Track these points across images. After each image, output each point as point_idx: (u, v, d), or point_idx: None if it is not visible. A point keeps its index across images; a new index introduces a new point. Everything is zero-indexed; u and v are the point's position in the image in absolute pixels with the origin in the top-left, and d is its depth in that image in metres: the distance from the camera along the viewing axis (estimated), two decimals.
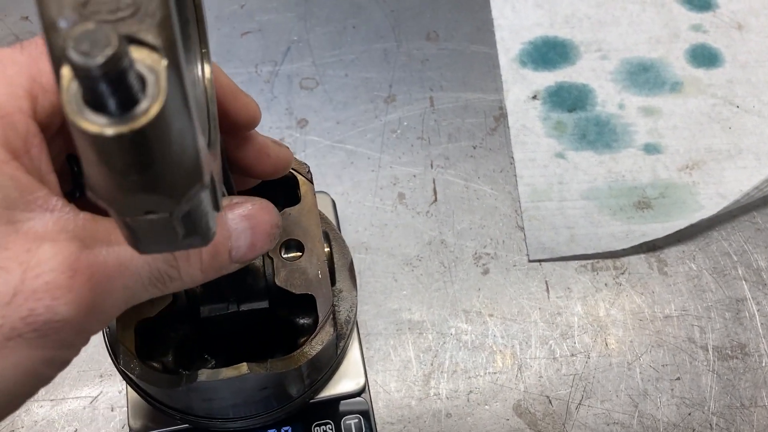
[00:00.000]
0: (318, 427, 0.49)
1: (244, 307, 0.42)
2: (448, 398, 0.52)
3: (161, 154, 0.19)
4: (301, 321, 0.44)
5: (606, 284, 0.57)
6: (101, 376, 0.52)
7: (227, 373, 0.37)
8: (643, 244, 0.58)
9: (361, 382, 0.50)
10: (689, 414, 0.52)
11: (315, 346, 0.40)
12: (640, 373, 0.53)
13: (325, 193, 0.56)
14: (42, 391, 0.49)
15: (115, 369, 0.52)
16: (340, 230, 0.55)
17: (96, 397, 0.51)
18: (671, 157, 0.62)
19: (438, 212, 0.59)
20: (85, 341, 0.27)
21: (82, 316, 0.26)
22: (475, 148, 0.62)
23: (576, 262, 0.58)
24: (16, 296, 0.24)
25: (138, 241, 0.23)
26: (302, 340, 0.42)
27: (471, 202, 0.60)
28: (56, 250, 0.25)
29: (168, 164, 0.20)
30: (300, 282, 0.41)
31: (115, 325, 0.42)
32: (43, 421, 0.51)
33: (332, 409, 0.50)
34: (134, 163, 0.19)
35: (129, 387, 0.49)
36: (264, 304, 0.42)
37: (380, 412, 0.52)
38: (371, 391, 0.51)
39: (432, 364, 0.54)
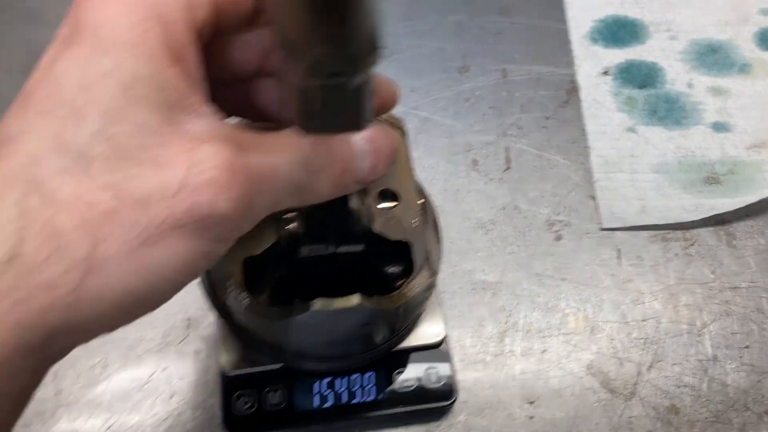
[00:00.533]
0: (399, 374, 0.51)
1: (341, 250, 0.43)
2: (522, 355, 0.54)
3: (359, 8, 0.21)
4: (391, 270, 0.46)
5: (676, 254, 0.58)
6: (188, 319, 0.54)
7: (340, 303, 0.39)
8: (712, 217, 0.59)
9: (442, 334, 0.51)
10: (758, 381, 0.53)
11: (415, 287, 0.42)
12: (710, 339, 0.55)
13: None
14: (132, 331, 0.51)
15: (203, 311, 0.54)
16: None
17: (184, 339, 0.53)
18: (740, 136, 0.63)
19: (511, 179, 0.61)
20: (234, 239, 0.29)
21: (237, 214, 0.27)
22: (547, 119, 0.64)
23: (647, 232, 0.59)
24: (181, 190, 0.26)
25: (308, 115, 0.25)
26: (399, 283, 0.43)
27: (544, 171, 0.61)
28: (215, 150, 0.27)
29: (363, 21, 0.22)
30: (396, 229, 0.43)
31: (219, 262, 0.44)
32: (132, 354, 0.52)
33: (413, 358, 0.51)
34: (336, 10, 0.21)
35: (221, 327, 0.50)
36: (359, 248, 0.43)
37: (456, 365, 0.53)
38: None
39: (506, 323, 0.55)
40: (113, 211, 0.26)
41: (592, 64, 0.67)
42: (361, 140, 0.33)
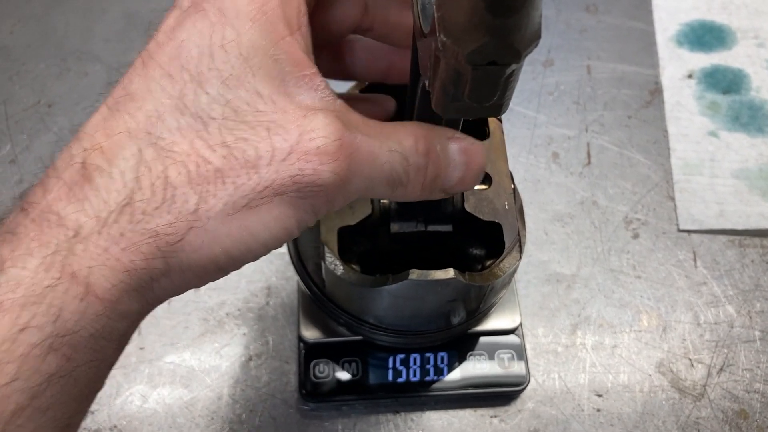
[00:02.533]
0: (472, 357, 0.52)
1: (430, 228, 0.44)
2: (593, 349, 0.54)
3: (530, 2, 0.22)
4: (475, 252, 0.46)
5: (753, 261, 0.58)
6: (269, 287, 0.56)
7: (436, 275, 0.40)
8: None
9: (517, 320, 0.52)
10: None
11: (505, 268, 0.43)
12: None
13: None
14: (214, 296, 0.52)
15: (283, 280, 0.55)
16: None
17: (263, 306, 0.55)
18: None
19: (591, 174, 0.61)
20: (325, 212, 0.30)
21: (335, 187, 0.28)
22: (629, 117, 0.64)
23: (724, 236, 0.59)
24: (291, 155, 0.27)
25: (453, 98, 0.25)
26: (488, 263, 0.44)
27: (624, 169, 0.61)
28: (328, 121, 0.28)
29: (530, 14, 0.22)
30: (488, 210, 0.43)
31: (301, 235, 0.45)
32: (213, 318, 0.54)
33: (487, 341, 0.52)
34: (510, 3, 0.22)
35: (301, 297, 0.52)
36: (448, 228, 0.44)
37: (528, 353, 0.54)
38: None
39: (579, 316, 0.56)
40: (223, 170, 0.27)
41: (677, 67, 0.67)
42: (456, 151, 0.33)
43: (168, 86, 0.28)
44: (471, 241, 0.46)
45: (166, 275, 0.27)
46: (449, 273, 0.40)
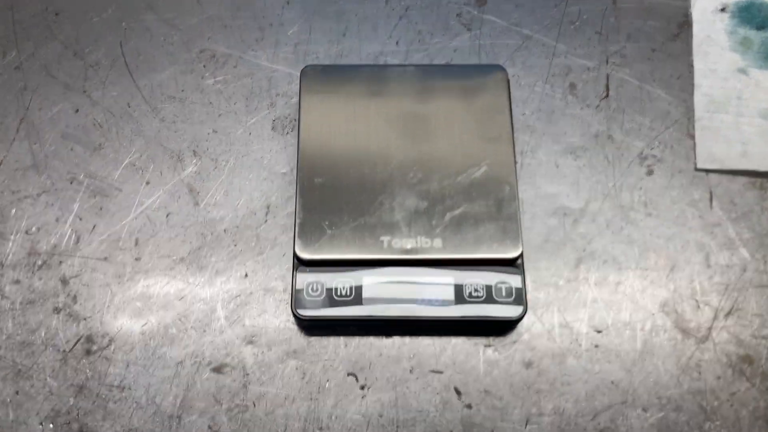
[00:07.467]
0: (470, 284, 0.50)
1: None
2: (596, 284, 0.53)
3: None
4: None
5: None
6: (267, 206, 0.55)
7: None
8: None
9: (518, 250, 0.50)
10: None
11: None
12: None
13: (503, 68, 0.56)
14: (214, 212, 0.51)
15: (283, 199, 0.54)
16: (511, 109, 0.55)
17: (261, 225, 0.54)
18: None
19: (608, 108, 0.59)
20: None
21: None
22: (653, 51, 0.61)
23: (744, 177, 0.56)
24: None
25: None
26: None
27: (643, 103, 0.59)
28: None
29: None
30: None
31: None
32: (210, 233, 0.54)
33: (485, 270, 0.51)
34: None
35: (299, 213, 0.51)
36: None
37: (528, 285, 0.52)
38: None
39: (584, 251, 0.54)
40: None
41: None
42: None
43: None
44: None
45: None
46: None
